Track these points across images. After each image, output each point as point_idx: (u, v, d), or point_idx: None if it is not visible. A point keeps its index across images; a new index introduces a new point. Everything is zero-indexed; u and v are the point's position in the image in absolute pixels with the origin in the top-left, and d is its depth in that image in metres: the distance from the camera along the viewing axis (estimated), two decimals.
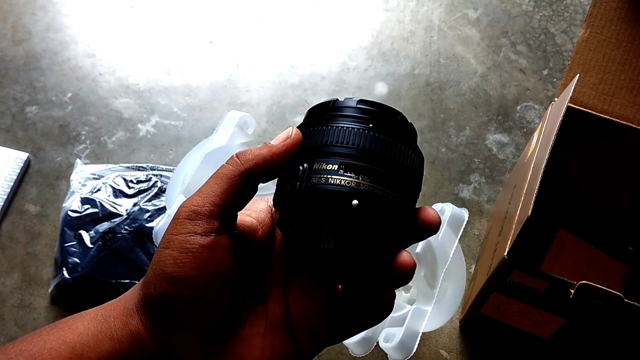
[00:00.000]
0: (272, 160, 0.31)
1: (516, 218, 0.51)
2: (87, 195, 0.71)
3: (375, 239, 0.30)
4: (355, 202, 0.28)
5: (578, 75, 0.56)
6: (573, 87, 0.52)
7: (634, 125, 0.54)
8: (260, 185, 0.32)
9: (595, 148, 0.60)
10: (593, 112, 0.55)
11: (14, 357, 0.30)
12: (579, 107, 0.55)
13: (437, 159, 0.78)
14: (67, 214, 0.70)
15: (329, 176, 0.29)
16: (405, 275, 0.31)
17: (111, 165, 0.75)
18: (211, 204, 0.30)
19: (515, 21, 0.89)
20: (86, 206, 0.70)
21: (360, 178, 0.29)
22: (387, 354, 0.57)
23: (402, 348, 0.55)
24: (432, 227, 0.32)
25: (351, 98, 0.32)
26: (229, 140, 0.65)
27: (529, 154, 0.59)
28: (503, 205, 0.63)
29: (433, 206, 0.62)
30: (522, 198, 0.51)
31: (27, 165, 0.76)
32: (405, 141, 0.31)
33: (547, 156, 0.49)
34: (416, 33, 0.88)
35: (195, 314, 0.30)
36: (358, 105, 0.31)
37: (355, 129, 0.30)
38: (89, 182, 0.72)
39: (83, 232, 0.69)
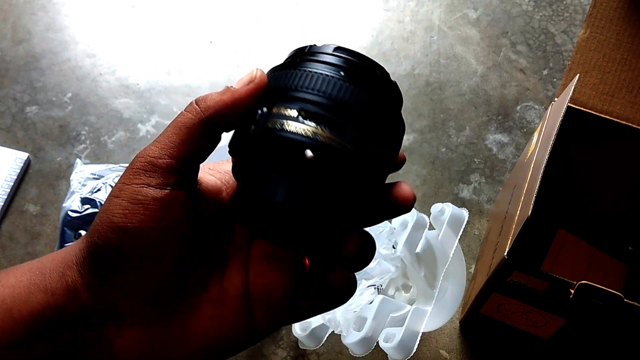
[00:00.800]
0: (234, 106, 0.28)
1: (516, 218, 0.51)
2: (87, 195, 0.71)
3: (333, 199, 0.26)
4: (309, 153, 0.25)
5: (578, 75, 0.56)
6: (573, 87, 0.52)
7: (634, 125, 0.54)
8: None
9: (595, 148, 0.60)
10: (593, 112, 0.55)
11: None
12: (579, 107, 0.55)
13: (437, 159, 0.78)
14: (67, 214, 0.70)
15: (285, 121, 0.26)
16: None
17: (111, 165, 0.75)
18: (169, 156, 0.28)
19: (515, 21, 0.89)
20: (86, 206, 0.70)
21: (319, 128, 0.26)
22: (387, 354, 0.57)
23: (402, 348, 0.55)
24: (405, 205, 0.29)
25: (330, 45, 0.29)
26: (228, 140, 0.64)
27: (529, 154, 0.59)
28: (503, 205, 0.63)
29: (433, 206, 0.62)
30: (522, 198, 0.51)
31: (27, 165, 0.76)
32: (381, 98, 0.28)
33: (547, 156, 0.49)
34: (416, 33, 0.88)
35: (141, 269, 0.27)
36: (334, 52, 0.28)
37: (324, 75, 0.27)
38: (89, 182, 0.72)
39: (83, 232, 0.69)
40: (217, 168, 0.32)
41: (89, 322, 0.28)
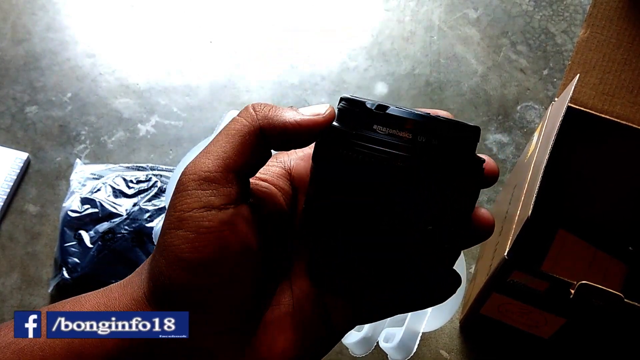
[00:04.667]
0: (293, 129, 0.25)
1: (516, 218, 0.51)
2: (87, 195, 0.71)
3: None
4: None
5: (578, 75, 0.55)
6: (573, 87, 0.52)
7: (634, 125, 0.54)
8: None
9: (595, 148, 0.60)
10: (593, 112, 0.55)
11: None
12: (579, 107, 0.55)
13: None
14: (67, 214, 0.70)
15: None
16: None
17: (111, 165, 0.75)
18: (224, 168, 0.25)
19: (516, 21, 0.89)
20: (86, 206, 0.70)
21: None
22: (387, 354, 0.57)
23: (402, 348, 0.55)
24: (487, 230, 0.28)
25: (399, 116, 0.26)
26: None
27: (529, 154, 0.59)
28: (503, 205, 0.63)
29: None
30: (523, 198, 0.51)
31: (26, 165, 0.76)
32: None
33: (547, 156, 0.49)
34: (416, 33, 0.88)
35: (220, 302, 0.25)
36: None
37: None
38: (89, 182, 0.72)
39: (83, 232, 0.69)
40: (264, 171, 0.30)
41: None
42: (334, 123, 0.27)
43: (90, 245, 0.68)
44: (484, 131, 0.80)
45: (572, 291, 0.45)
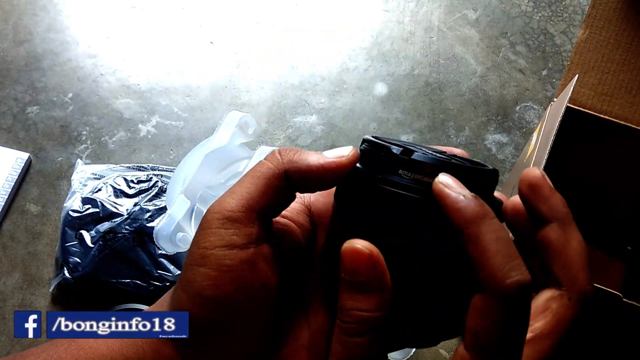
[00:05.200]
0: (317, 172, 0.26)
1: None
2: (88, 195, 0.71)
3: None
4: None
5: (577, 75, 0.56)
6: (572, 88, 0.53)
7: (632, 125, 0.55)
8: None
9: (594, 148, 0.60)
10: (592, 112, 0.55)
11: None
12: (578, 107, 0.55)
13: None
14: (68, 214, 0.70)
15: None
16: None
17: (112, 165, 0.75)
18: (247, 208, 0.26)
19: (515, 22, 0.89)
20: (87, 206, 0.70)
21: None
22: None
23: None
24: None
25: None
26: (229, 140, 0.65)
27: (528, 154, 0.59)
28: None
29: None
30: None
31: (28, 165, 0.76)
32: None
33: (546, 156, 0.49)
34: (416, 33, 0.89)
35: (239, 337, 0.26)
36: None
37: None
38: (90, 182, 0.73)
39: (84, 232, 0.69)
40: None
41: None
42: (357, 165, 0.27)
43: (91, 245, 0.68)
44: (483, 131, 0.80)
45: None
